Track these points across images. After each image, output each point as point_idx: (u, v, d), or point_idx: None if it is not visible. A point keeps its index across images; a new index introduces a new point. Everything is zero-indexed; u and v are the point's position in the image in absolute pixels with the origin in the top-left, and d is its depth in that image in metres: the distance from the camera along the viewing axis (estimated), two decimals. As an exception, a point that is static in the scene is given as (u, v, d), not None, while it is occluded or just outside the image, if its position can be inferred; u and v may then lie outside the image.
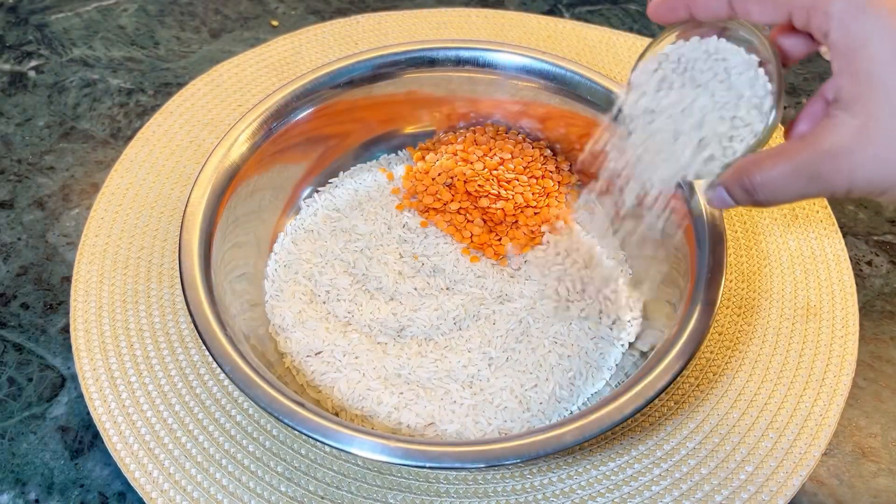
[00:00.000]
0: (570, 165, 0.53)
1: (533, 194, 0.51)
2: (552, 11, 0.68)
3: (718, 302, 0.40)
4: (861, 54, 0.26)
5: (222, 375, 0.44)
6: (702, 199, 0.36)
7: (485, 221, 0.50)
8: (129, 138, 0.57)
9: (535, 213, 0.50)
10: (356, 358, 0.45)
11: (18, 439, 0.43)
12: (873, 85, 0.26)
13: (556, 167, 0.53)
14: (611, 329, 0.46)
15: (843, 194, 0.28)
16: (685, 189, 0.45)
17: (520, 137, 0.54)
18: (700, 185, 0.34)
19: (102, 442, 0.42)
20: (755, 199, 0.30)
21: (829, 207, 0.52)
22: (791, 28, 0.30)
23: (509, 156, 0.52)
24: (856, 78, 0.26)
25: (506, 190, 0.50)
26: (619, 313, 0.46)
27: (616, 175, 0.36)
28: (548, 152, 0.53)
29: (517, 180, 0.51)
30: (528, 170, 0.52)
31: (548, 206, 0.50)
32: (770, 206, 0.30)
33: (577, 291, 0.46)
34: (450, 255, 0.49)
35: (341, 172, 0.54)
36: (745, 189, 0.30)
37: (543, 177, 0.52)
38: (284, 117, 0.49)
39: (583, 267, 0.47)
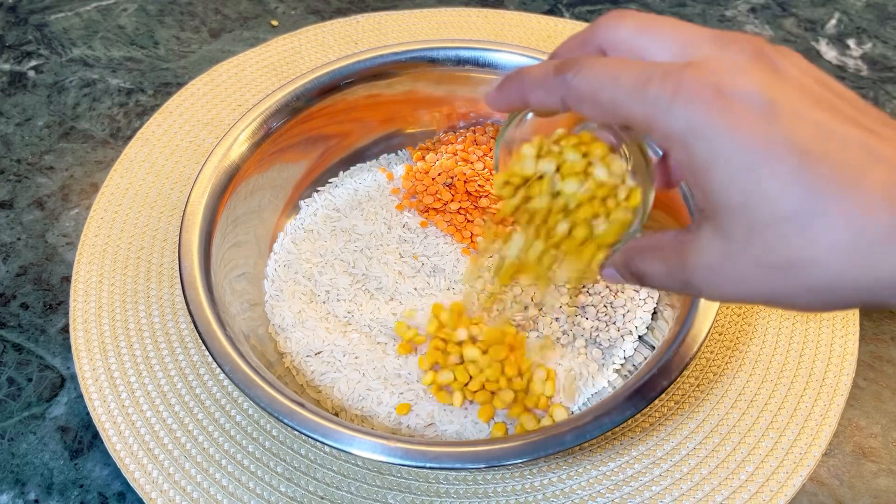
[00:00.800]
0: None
1: (533, 194, 0.51)
2: (552, 11, 0.68)
3: (718, 303, 0.40)
4: (709, 177, 0.23)
5: (222, 375, 0.44)
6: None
7: (484, 221, 0.50)
8: (129, 138, 0.57)
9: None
10: (356, 358, 0.45)
11: (18, 439, 0.43)
12: (726, 208, 0.23)
13: (556, 167, 0.53)
14: (620, 326, 0.46)
15: (717, 301, 0.28)
16: (685, 190, 0.45)
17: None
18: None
19: (102, 442, 0.42)
20: (645, 284, 0.29)
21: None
22: None
23: (509, 156, 0.52)
24: (707, 198, 0.23)
25: (506, 190, 0.50)
26: (633, 302, 0.46)
27: None
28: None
29: (517, 180, 0.51)
30: (528, 170, 0.52)
31: None
32: (664, 290, 0.29)
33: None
34: (450, 255, 0.49)
35: (341, 172, 0.54)
36: (635, 275, 0.29)
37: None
38: (284, 117, 0.49)
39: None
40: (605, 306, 0.46)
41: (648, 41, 0.25)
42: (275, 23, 0.67)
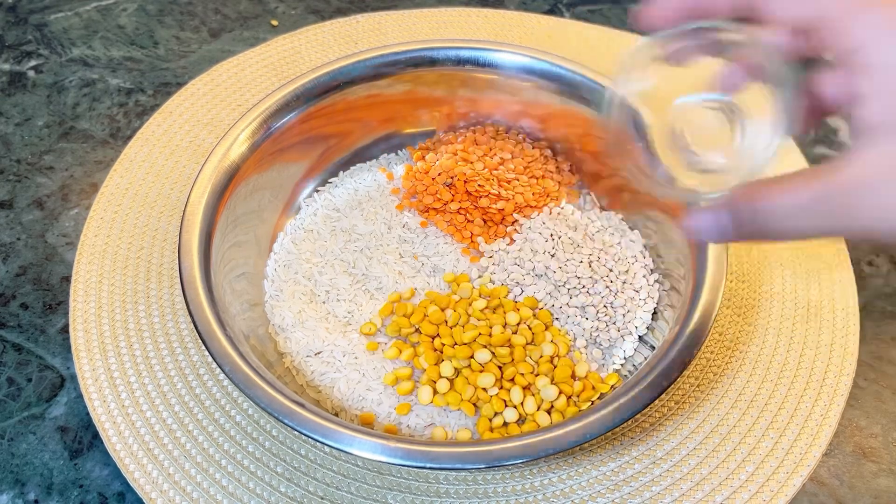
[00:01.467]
0: (571, 165, 0.53)
1: (533, 194, 0.51)
2: (552, 11, 0.68)
3: (718, 302, 0.40)
4: None
5: (222, 376, 0.44)
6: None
7: (485, 221, 0.50)
8: (129, 138, 0.57)
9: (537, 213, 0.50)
10: (356, 358, 0.45)
11: (18, 439, 0.43)
12: None
13: (557, 167, 0.53)
14: (623, 323, 0.45)
15: (864, 234, 0.25)
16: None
17: (520, 137, 0.54)
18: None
19: (102, 442, 0.42)
20: (758, 229, 0.26)
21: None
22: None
23: (509, 156, 0.52)
24: (892, 102, 0.23)
25: (506, 190, 0.50)
26: (633, 302, 0.46)
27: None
28: (548, 152, 0.53)
29: (517, 180, 0.51)
30: (528, 170, 0.52)
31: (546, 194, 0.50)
32: (775, 240, 0.26)
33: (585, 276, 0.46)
34: (450, 255, 0.49)
35: (341, 172, 0.54)
36: (749, 217, 0.26)
37: (544, 177, 0.52)
38: (284, 117, 0.49)
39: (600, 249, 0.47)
40: (605, 306, 0.46)
41: None
42: (275, 23, 0.67)
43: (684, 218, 0.27)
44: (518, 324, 0.45)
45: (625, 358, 0.45)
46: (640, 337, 0.45)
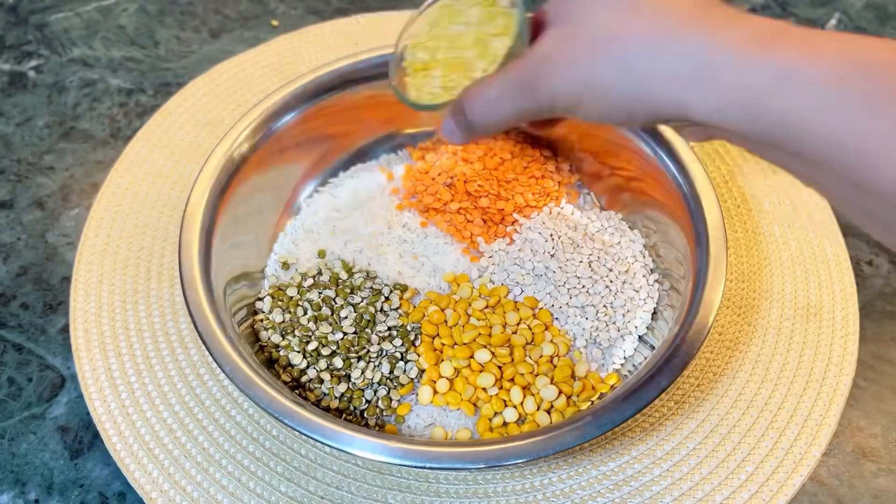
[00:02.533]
0: (571, 165, 0.53)
1: (533, 194, 0.51)
2: (552, 11, 0.68)
3: (718, 302, 0.40)
4: None
5: (222, 376, 0.44)
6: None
7: (484, 221, 0.50)
8: (129, 138, 0.57)
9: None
10: (356, 358, 0.45)
11: (18, 439, 0.43)
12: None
13: (556, 167, 0.53)
14: (623, 322, 0.46)
15: (547, 106, 0.29)
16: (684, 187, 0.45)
17: (520, 137, 0.54)
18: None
19: (102, 442, 0.42)
20: (473, 123, 0.31)
21: (829, 208, 0.52)
22: None
23: (509, 156, 0.52)
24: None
25: (506, 190, 0.50)
26: (633, 302, 0.46)
27: None
28: (548, 152, 0.53)
29: (517, 180, 0.51)
30: (528, 170, 0.52)
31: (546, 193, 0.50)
32: (486, 129, 0.32)
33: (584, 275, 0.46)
34: (450, 255, 0.49)
35: (341, 172, 0.54)
36: (464, 115, 0.31)
37: (543, 177, 0.52)
38: (284, 117, 0.49)
39: (599, 249, 0.47)
40: (604, 306, 0.46)
41: None
42: (275, 23, 0.67)
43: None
44: (518, 324, 0.45)
45: (625, 358, 0.45)
46: (640, 337, 0.45)
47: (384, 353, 0.44)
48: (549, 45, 0.28)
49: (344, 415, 0.42)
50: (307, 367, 0.43)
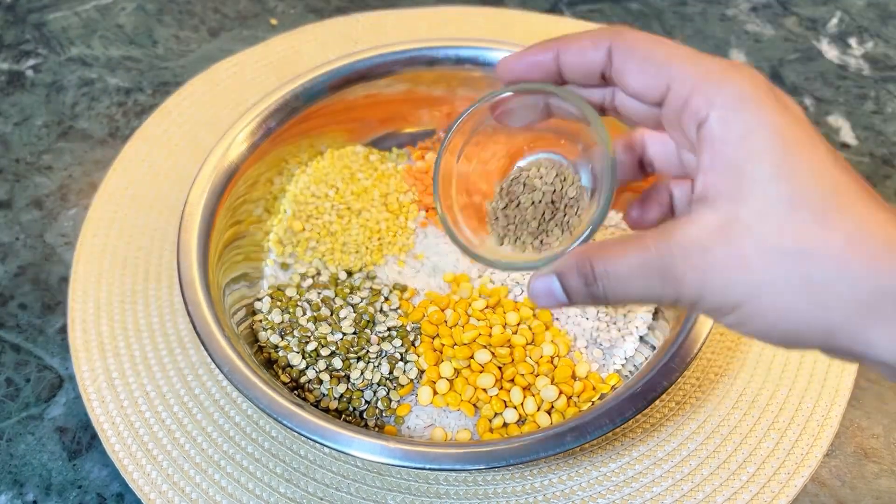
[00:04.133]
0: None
1: (533, 194, 0.50)
2: (553, 10, 0.68)
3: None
4: (739, 149, 0.23)
5: (221, 376, 0.44)
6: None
7: (485, 221, 0.50)
8: (128, 138, 0.57)
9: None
10: (355, 358, 0.45)
11: (16, 440, 0.43)
12: (744, 182, 0.23)
13: (557, 166, 0.53)
14: (623, 321, 0.45)
15: (689, 302, 0.24)
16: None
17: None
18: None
19: (100, 443, 0.42)
20: (594, 292, 0.25)
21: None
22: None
23: (509, 155, 0.52)
24: (727, 173, 0.23)
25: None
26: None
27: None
28: (548, 152, 0.53)
29: (517, 180, 0.51)
30: (528, 169, 0.52)
31: None
32: (611, 303, 0.26)
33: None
34: (450, 255, 0.49)
35: (341, 172, 0.54)
36: (585, 278, 0.25)
37: (544, 176, 0.51)
38: (283, 116, 0.48)
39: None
40: (605, 307, 0.46)
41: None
42: (274, 22, 0.67)
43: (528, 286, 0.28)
44: (518, 324, 0.45)
45: (625, 358, 0.45)
46: (640, 337, 0.45)
47: (384, 354, 0.44)
48: (704, 233, 0.23)
49: (343, 416, 0.42)
50: (306, 367, 0.43)
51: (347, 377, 0.43)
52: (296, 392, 0.43)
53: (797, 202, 0.22)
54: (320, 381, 0.42)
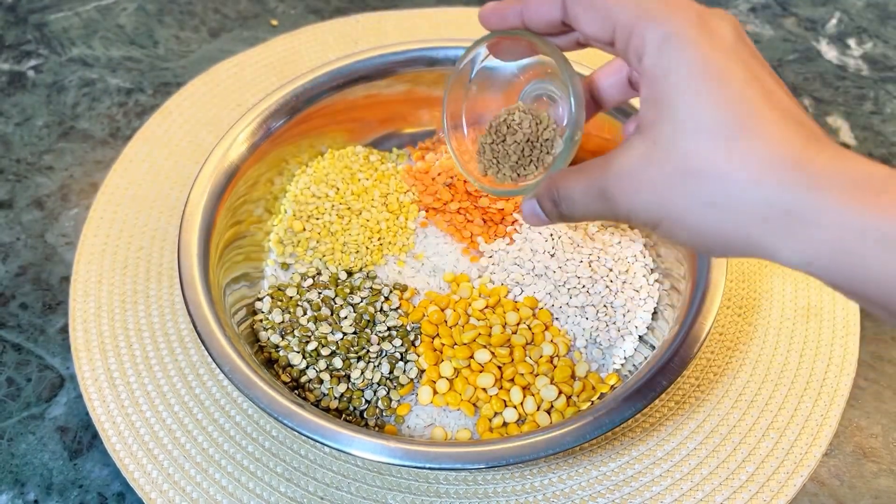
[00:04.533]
0: (570, 165, 0.53)
1: (533, 194, 0.50)
2: (552, 11, 0.68)
3: (718, 302, 0.40)
4: (666, 80, 0.25)
5: (221, 376, 0.44)
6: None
7: (484, 221, 0.50)
8: (128, 138, 0.57)
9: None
10: (356, 358, 0.45)
11: (17, 439, 0.43)
12: (666, 112, 0.25)
13: (557, 167, 0.53)
14: (623, 321, 0.45)
15: (625, 219, 0.28)
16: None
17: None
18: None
19: (101, 442, 0.42)
20: (561, 211, 0.31)
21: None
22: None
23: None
24: (655, 106, 0.26)
25: (506, 190, 0.50)
26: (633, 302, 0.46)
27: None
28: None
29: (517, 180, 0.51)
30: (528, 169, 0.52)
31: None
32: (574, 220, 0.31)
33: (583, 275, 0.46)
34: (450, 255, 0.49)
35: (341, 172, 0.54)
36: (552, 200, 0.31)
37: (543, 176, 0.52)
38: (284, 117, 0.49)
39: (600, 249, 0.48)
40: (605, 306, 0.46)
41: None
42: (274, 22, 0.67)
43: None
44: (518, 324, 0.45)
45: (625, 358, 0.45)
46: (640, 337, 0.45)
47: (384, 354, 0.44)
48: (633, 161, 0.27)
49: (343, 415, 0.42)
50: (307, 367, 0.43)
51: (348, 377, 0.43)
52: (296, 392, 0.43)
53: (705, 129, 0.24)
54: (321, 381, 0.43)
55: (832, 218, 0.23)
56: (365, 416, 0.43)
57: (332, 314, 0.45)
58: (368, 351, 0.44)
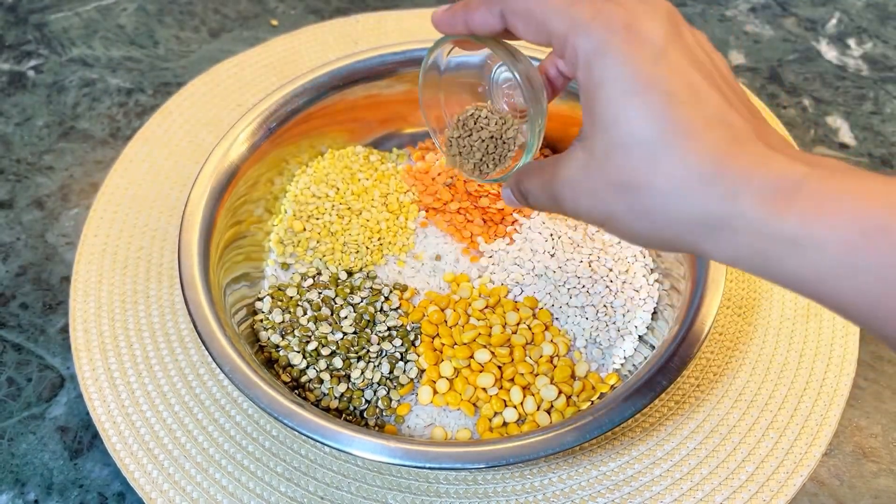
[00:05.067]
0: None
1: (533, 194, 0.50)
2: (552, 11, 0.68)
3: (718, 302, 0.40)
4: (596, 95, 0.26)
5: (221, 376, 0.44)
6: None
7: (484, 221, 0.50)
8: (129, 138, 0.57)
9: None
10: (356, 358, 0.45)
11: (18, 439, 0.43)
12: (599, 126, 0.27)
13: (556, 167, 0.53)
14: (623, 320, 0.45)
15: (574, 217, 0.30)
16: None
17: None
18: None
19: (102, 442, 0.42)
20: (526, 201, 0.33)
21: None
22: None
23: (509, 155, 0.52)
24: (590, 117, 0.27)
25: (506, 190, 0.50)
26: (633, 302, 0.46)
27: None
28: (548, 151, 0.53)
29: (517, 180, 0.51)
30: (528, 169, 0.52)
31: None
32: (540, 210, 0.34)
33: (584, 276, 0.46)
34: (450, 255, 0.49)
35: (341, 172, 0.54)
36: (519, 192, 0.33)
37: (543, 176, 0.52)
38: (284, 117, 0.49)
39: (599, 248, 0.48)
40: (604, 306, 0.46)
41: None
42: (274, 22, 0.67)
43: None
44: (518, 324, 0.45)
45: (625, 358, 0.45)
46: (640, 337, 0.45)
47: (384, 354, 0.44)
48: (573, 170, 0.28)
49: (343, 415, 0.42)
50: (307, 367, 0.43)
51: (348, 377, 0.43)
52: (296, 391, 0.43)
53: (635, 144, 0.26)
54: (321, 381, 0.43)
55: (748, 223, 0.24)
56: (365, 415, 0.43)
57: (332, 314, 0.45)
58: (368, 351, 0.44)
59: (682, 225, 0.26)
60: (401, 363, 0.44)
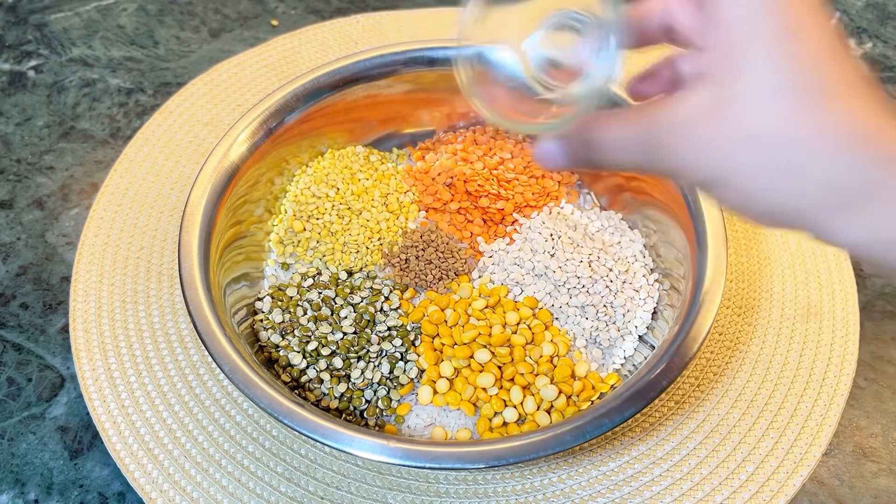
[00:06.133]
0: (571, 165, 0.53)
1: (533, 194, 0.51)
2: (552, 11, 0.68)
3: (718, 302, 0.40)
4: (740, 31, 0.23)
5: (222, 376, 0.44)
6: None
7: (484, 221, 0.50)
8: (129, 138, 0.57)
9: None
10: (356, 358, 0.45)
11: (18, 439, 0.43)
12: (737, 65, 0.23)
13: (556, 167, 0.53)
14: (622, 321, 0.45)
15: (668, 174, 0.26)
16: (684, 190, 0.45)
17: (520, 137, 0.54)
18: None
19: (102, 442, 0.42)
20: (590, 157, 0.27)
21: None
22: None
23: (509, 155, 0.52)
24: (724, 55, 0.23)
25: (506, 190, 0.50)
26: (633, 302, 0.46)
27: None
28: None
29: (517, 180, 0.51)
30: (528, 169, 0.52)
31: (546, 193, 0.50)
32: (605, 168, 0.28)
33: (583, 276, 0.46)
34: (450, 254, 0.49)
35: (341, 172, 0.54)
36: (585, 143, 0.27)
37: (543, 176, 0.52)
38: (284, 117, 0.49)
39: (599, 248, 0.47)
40: (605, 306, 0.46)
41: None
42: (275, 22, 0.67)
43: (534, 147, 0.29)
44: (518, 323, 0.45)
45: (625, 357, 0.45)
46: (640, 337, 0.45)
47: (384, 353, 0.44)
48: (692, 112, 0.24)
49: (343, 415, 0.42)
50: (307, 367, 0.43)
51: (348, 376, 0.43)
52: (296, 391, 0.43)
53: (784, 89, 0.22)
54: (321, 381, 0.43)
55: None
56: (365, 415, 0.43)
57: (332, 314, 0.45)
58: (368, 351, 0.44)
59: (814, 188, 0.22)
60: (401, 363, 0.44)
